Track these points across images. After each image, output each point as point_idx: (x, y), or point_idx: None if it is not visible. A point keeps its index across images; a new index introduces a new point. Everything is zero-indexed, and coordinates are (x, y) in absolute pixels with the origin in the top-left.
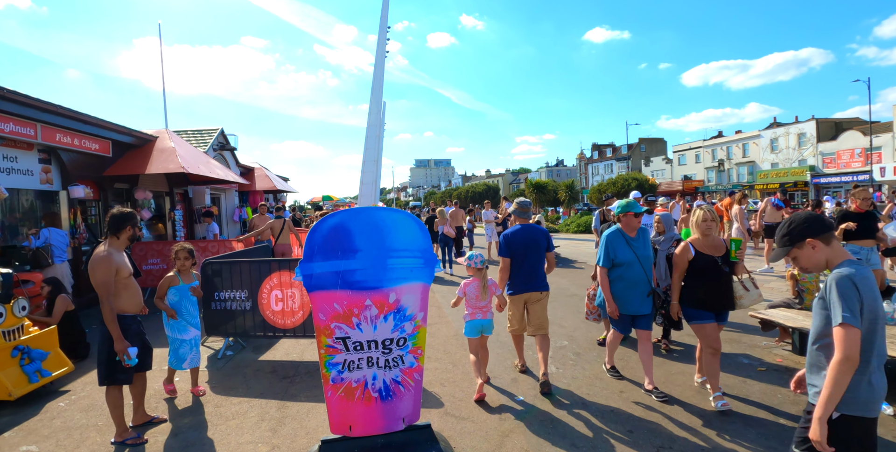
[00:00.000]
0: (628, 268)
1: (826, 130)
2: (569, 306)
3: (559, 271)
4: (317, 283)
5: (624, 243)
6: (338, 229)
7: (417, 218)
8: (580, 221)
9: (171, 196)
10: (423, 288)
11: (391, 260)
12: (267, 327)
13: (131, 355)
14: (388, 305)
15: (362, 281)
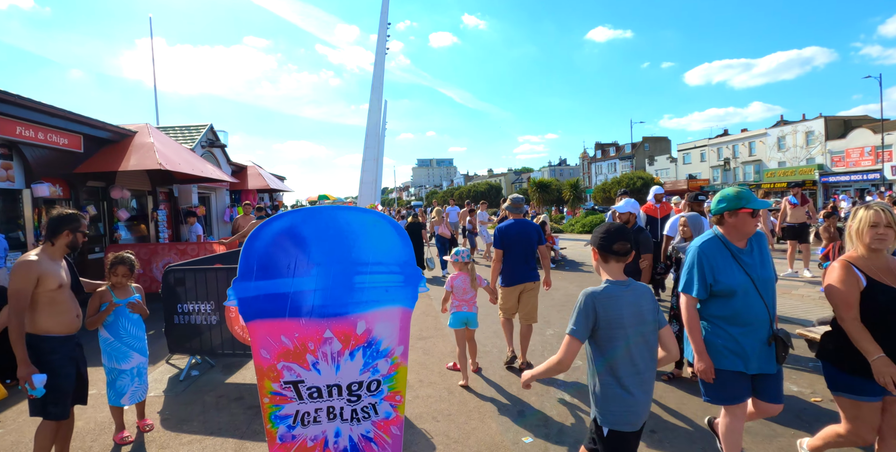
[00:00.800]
0: (738, 299)
1: (835, 128)
2: None
3: (566, 275)
4: (257, 309)
5: (730, 258)
6: (287, 235)
7: (395, 221)
8: (585, 221)
9: (154, 195)
10: (402, 314)
11: (360, 277)
12: (236, 344)
13: (35, 384)
14: (356, 337)
15: (320, 306)
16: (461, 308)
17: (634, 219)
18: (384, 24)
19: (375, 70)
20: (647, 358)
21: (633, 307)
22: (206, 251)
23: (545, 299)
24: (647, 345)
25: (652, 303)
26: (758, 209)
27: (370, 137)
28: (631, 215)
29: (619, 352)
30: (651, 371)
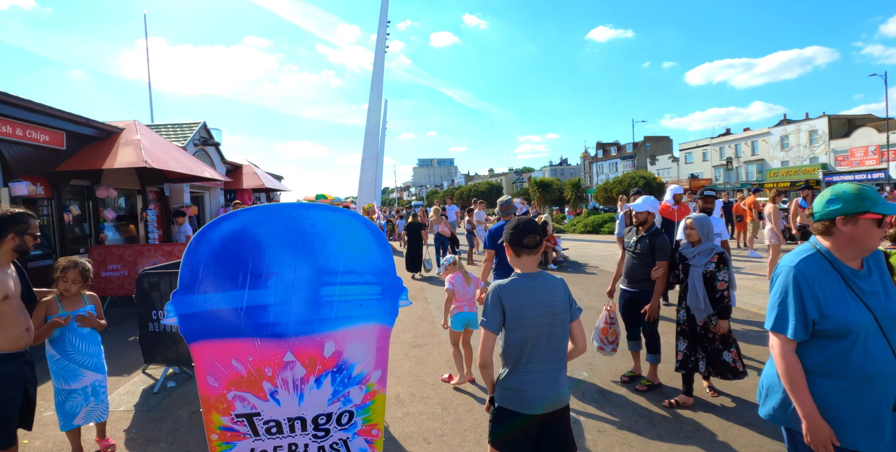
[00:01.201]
0: (854, 342)
1: (838, 126)
2: (585, 322)
3: (569, 277)
4: (203, 327)
5: (841, 284)
6: (239, 239)
7: (371, 222)
8: (587, 221)
9: (144, 194)
10: (380, 332)
11: (328, 289)
12: None
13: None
14: (323, 361)
15: (280, 324)
16: (462, 309)
17: (652, 219)
18: (384, 22)
19: (375, 68)
20: (554, 348)
21: (542, 298)
22: None
23: None
24: (555, 336)
25: (564, 295)
26: (888, 214)
27: (369, 135)
28: (649, 214)
29: (523, 340)
30: (556, 361)
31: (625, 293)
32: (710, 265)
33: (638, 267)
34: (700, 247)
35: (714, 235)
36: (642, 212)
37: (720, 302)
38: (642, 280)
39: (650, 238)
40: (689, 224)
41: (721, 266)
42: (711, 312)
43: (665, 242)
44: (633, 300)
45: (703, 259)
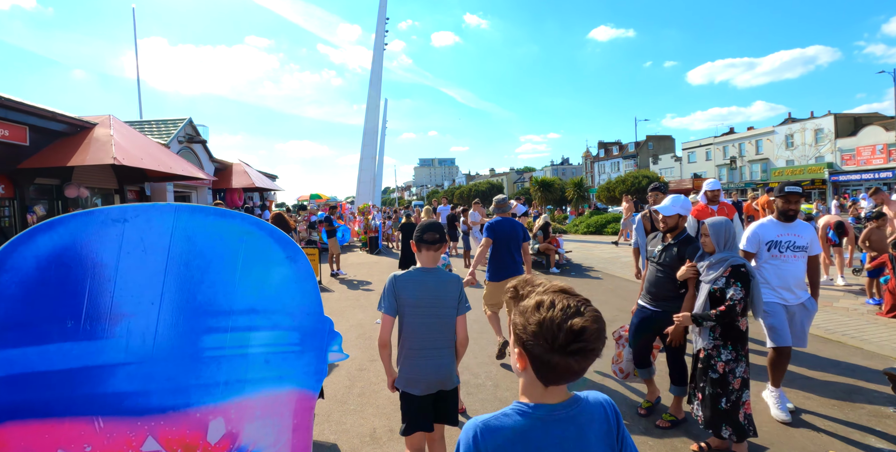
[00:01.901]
0: None
1: (844, 125)
2: None
3: (573, 283)
4: (8, 402)
5: None
6: (67, 261)
7: (286, 236)
8: (590, 221)
9: (122, 194)
10: (298, 402)
11: (214, 338)
12: None
13: None
14: (210, 449)
15: (135, 394)
16: None
17: (683, 224)
18: (382, 19)
19: (373, 66)
20: (439, 337)
21: (433, 291)
22: None
23: None
24: (442, 325)
25: (456, 292)
26: None
27: (368, 134)
28: (680, 218)
29: (412, 327)
30: (444, 349)
31: (644, 310)
32: (720, 281)
33: (663, 282)
34: (712, 257)
35: (735, 243)
36: (671, 216)
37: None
38: (669, 298)
39: (679, 247)
40: (703, 230)
41: (732, 282)
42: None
43: (696, 249)
44: (654, 320)
45: (714, 272)
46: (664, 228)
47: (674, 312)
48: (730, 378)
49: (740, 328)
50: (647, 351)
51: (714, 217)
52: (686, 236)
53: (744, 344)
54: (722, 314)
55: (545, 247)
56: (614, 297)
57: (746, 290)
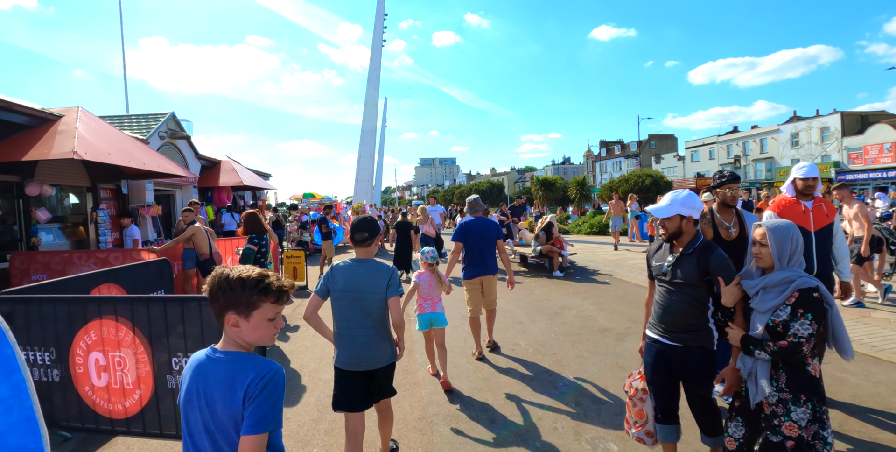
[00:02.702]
0: None
1: (851, 123)
2: (603, 352)
3: (578, 288)
4: None
5: None
6: None
7: None
8: (593, 221)
9: (95, 192)
10: None
11: None
12: (86, 413)
13: None
14: None
15: None
16: (423, 309)
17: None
18: (381, 15)
19: (372, 63)
20: (367, 319)
21: (362, 278)
22: (131, 260)
23: (555, 324)
24: (369, 309)
25: (385, 279)
26: None
27: (366, 133)
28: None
29: (343, 310)
30: (370, 329)
31: (656, 345)
32: (783, 312)
33: (677, 306)
34: (769, 277)
35: (801, 257)
36: (670, 218)
37: (778, 356)
38: (691, 328)
39: (698, 257)
40: (758, 236)
41: (800, 312)
42: (767, 395)
43: (722, 259)
44: (673, 358)
45: (773, 299)
46: (665, 235)
47: (698, 348)
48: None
49: (812, 374)
50: (674, 401)
51: (775, 220)
52: (704, 243)
53: (821, 398)
54: (781, 351)
55: (548, 249)
56: (625, 305)
57: (820, 323)
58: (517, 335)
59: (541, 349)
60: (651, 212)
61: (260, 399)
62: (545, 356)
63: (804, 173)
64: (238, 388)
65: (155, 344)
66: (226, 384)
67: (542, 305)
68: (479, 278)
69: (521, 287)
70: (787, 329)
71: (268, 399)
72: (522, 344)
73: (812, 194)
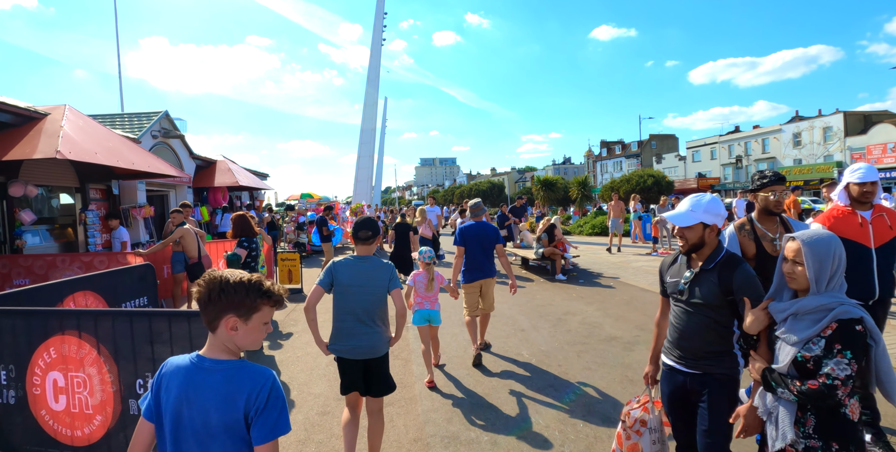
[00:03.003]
0: None
1: (854, 123)
2: (611, 363)
3: (582, 292)
4: None
5: None
6: None
7: None
8: (595, 222)
9: (84, 193)
10: None
11: None
12: (45, 439)
13: None
14: None
15: None
16: (423, 306)
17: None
18: (381, 13)
19: (371, 61)
20: (369, 312)
21: (364, 274)
22: (117, 263)
23: (559, 332)
24: (371, 303)
25: (386, 275)
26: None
27: (365, 132)
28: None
29: (343, 303)
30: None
31: (674, 374)
32: (816, 345)
33: (696, 330)
34: (803, 302)
35: (843, 279)
36: (691, 227)
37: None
38: (712, 354)
39: (720, 273)
40: (791, 252)
41: (836, 348)
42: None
43: (748, 276)
44: (692, 390)
45: (805, 330)
46: (685, 246)
47: (723, 373)
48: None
49: (849, 417)
50: (690, 437)
51: (812, 232)
52: (727, 256)
53: (859, 446)
54: (809, 393)
55: (550, 251)
56: (631, 310)
57: (861, 362)
58: (520, 344)
59: (545, 359)
60: (670, 220)
61: (267, 409)
62: (550, 367)
63: (860, 176)
64: (236, 399)
65: (122, 364)
66: (221, 395)
67: (544, 310)
68: (478, 281)
69: (523, 292)
70: (819, 367)
71: (274, 407)
72: (525, 354)
73: (871, 202)
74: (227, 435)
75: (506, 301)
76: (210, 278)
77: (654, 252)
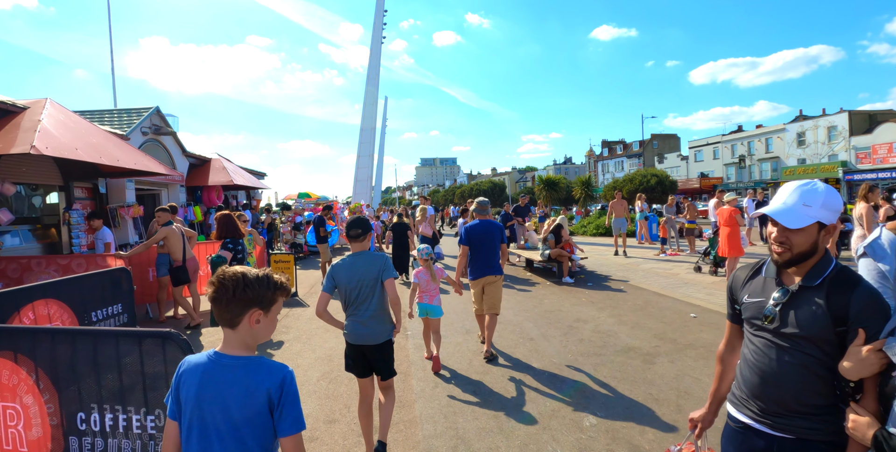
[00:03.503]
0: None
1: (859, 122)
2: (632, 379)
3: (592, 296)
4: None
5: None
6: None
7: None
8: (598, 222)
9: (68, 191)
10: None
11: None
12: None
13: None
14: None
15: None
16: (423, 300)
17: (830, 243)
18: (380, 11)
19: (371, 60)
20: (368, 306)
21: (361, 270)
22: (96, 266)
23: (571, 342)
24: (369, 295)
25: (379, 265)
26: None
27: (365, 131)
28: (823, 231)
29: (348, 298)
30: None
31: (749, 436)
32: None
33: (788, 373)
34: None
35: None
36: (803, 230)
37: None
38: (808, 412)
39: (828, 293)
40: None
41: None
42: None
43: (874, 298)
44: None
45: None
46: (786, 256)
47: (826, 440)
48: None
49: None
50: None
51: None
52: (837, 269)
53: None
54: None
55: (557, 253)
56: (647, 317)
57: None
58: (529, 355)
59: (558, 374)
60: (774, 216)
61: (288, 401)
62: (564, 383)
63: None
64: (258, 392)
65: (64, 393)
66: (242, 389)
67: (554, 317)
68: (481, 279)
69: (529, 296)
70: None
71: (295, 400)
72: (536, 366)
73: None
74: (249, 428)
75: (512, 307)
76: (229, 275)
77: (663, 254)
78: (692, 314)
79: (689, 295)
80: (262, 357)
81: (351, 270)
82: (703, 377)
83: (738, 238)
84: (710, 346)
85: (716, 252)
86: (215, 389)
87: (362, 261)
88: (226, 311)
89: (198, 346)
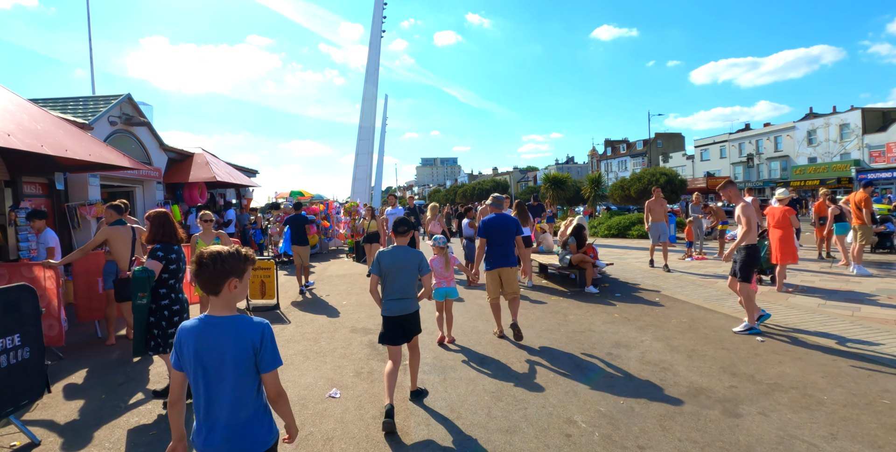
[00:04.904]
0: None
1: (873, 120)
2: (720, 444)
3: (625, 311)
4: None
5: None
6: None
7: None
8: (611, 222)
9: (16, 188)
10: None
11: None
12: None
13: None
14: None
15: None
16: (441, 284)
17: None
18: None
19: (370, 57)
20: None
21: (402, 259)
22: (20, 277)
23: (618, 379)
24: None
25: (416, 261)
26: None
27: (364, 130)
28: None
29: (391, 279)
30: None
31: None
32: None
33: None
34: None
35: None
36: None
37: None
38: None
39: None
40: None
41: None
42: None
43: None
44: None
45: None
46: None
47: None
48: None
49: None
50: None
51: None
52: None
53: None
54: None
55: (580, 259)
56: (703, 342)
57: None
58: (566, 399)
59: (612, 433)
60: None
61: (266, 346)
62: (625, 451)
63: None
64: (245, 341)
65: None
66: (234, 339)
67: (586, 341)
68: (497, 269)
69: (550, 310)
70: None
71: (272, 345)
72: (579, 420)
73: None
74: (241, 367)
75: (532, 325)
76: (207, 254)
77: (689, 257)
78: (758, 337)
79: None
80: (244, 315)
81: (393, 257)
82: (819, 442)
83: (791, 242)
84: (803, 388)
85: (766, 257)
86: (210, 341)
87: (402, 252)
88: (209, 282)
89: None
